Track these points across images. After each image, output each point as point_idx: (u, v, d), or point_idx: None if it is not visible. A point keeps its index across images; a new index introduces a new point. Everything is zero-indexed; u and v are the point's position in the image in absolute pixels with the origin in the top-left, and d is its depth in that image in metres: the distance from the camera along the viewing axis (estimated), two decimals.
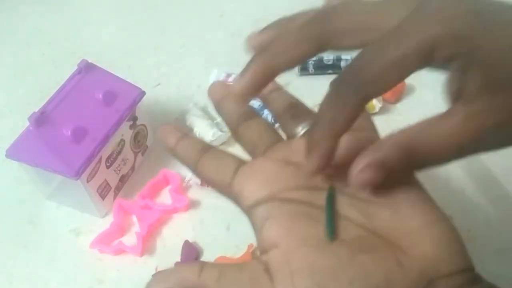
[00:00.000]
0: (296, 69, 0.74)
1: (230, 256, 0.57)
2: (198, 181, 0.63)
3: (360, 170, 0.30)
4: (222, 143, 0.68)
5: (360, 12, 0.33)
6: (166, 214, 0.62)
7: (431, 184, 0.63)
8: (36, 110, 0.57)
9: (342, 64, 0.74)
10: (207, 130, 0.68)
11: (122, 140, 0.62)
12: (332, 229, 0.31)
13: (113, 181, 0.63)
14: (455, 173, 0.63)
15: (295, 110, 0.41)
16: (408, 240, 0.31)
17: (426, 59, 0.28)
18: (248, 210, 0.34)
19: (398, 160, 0.30)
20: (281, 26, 0.36)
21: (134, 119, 0.64)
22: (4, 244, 0.63)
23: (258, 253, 0.33)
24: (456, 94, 0.30)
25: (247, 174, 0.35)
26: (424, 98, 0.71)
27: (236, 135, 0.40)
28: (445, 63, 0.29)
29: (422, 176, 0.65)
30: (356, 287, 0.28)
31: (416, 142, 0.30)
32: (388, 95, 0.69)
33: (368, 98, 0.30)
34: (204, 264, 0.32)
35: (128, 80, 0.64)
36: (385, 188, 0.32)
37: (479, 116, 0.29)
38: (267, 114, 0.69)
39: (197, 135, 0.69)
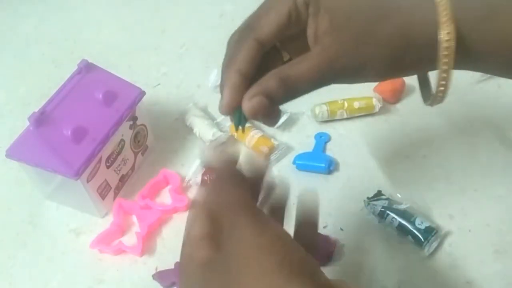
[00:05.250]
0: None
1: None
2: (198, 181, 0.63)
3: (249, 99, 0.40)
4: (222, 143, 0.68)
5: None
6: (166, 214, 0.62)
7: (432, 184, 0.63)
8: (36, 110, 0.57)
9: None
10: (207, 130, 0.68)
11: (122, 140, 0.62)
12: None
13: (113, 181, 0.63)
14: (455, 173, 0.63)
15: None
16: None
17: (294, 5, 0.40)
18: None
19: (276, 88, 0.40)
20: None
21: (134, 119, 0.64)
22: (4, 244, 0.63)
23: None
24: (314, 36, 0.41)
25: None
26: None
27: None
28: (306, 10, 0.41)
29: (424, 176, 0.65)
30: None
31: (287, 73, 0.40)
32: (388, 95, 0.69)
33: (259, 39, 0.41)
34: None
35: (128, 80, 0.64)
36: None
37: (326, 50, 0.40)
38: None
39: (197, 135, 0.69)
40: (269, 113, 0.41)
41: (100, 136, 0.58)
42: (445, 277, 0.55)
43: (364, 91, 0.70)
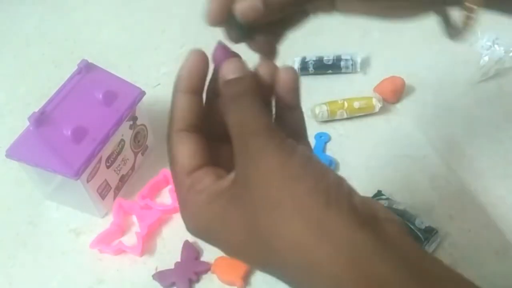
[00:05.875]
0: (296, 69, 0.74)
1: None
2: None
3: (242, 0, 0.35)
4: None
5: None
6: (166, 214, 0.62)
7: (432, 184, 0.63)
8: (36, 110, 0.57)
9: (342, 64, 0.74)
10: None
11: (122, 140, 0.62)
12: None
13: (113, 181, 0.63)
14: (456, 173, 0.63)
15: None
16: None
17: None
18: None
19: None
20: None
21: (134, 119, 0.64)
22: (4, 244, 0.63)
23: None
24: None
25: None
26: (424, 98, 0.71)
27: None
28: None
29: (424, 176, 0.65)
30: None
31: None
32: (388, 95, 0.69)
33: None
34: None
35: (128, 80, 0.64)
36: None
37: None
38: None
39: None
40: (263, 21, 0.36)
41: (100, 136, 0.58)
42: None
43: (364, 91, 0.70)
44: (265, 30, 0.38)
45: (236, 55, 0.36)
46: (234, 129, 0.32)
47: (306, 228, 0.29)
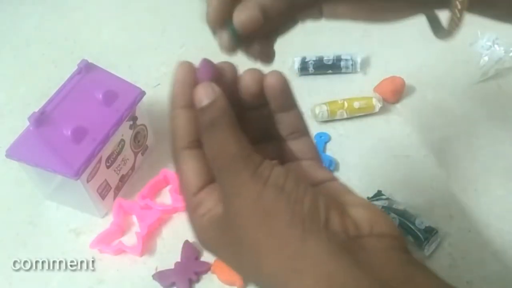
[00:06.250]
0: (296, 69, 0.74)
1: None
2: None
3: (241, 10, 0.35)
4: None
5: None
6: (166, 214, 0.62)
7: (432, 184, 0.63)
8: (36, 110, 0.57)
9: (342, 64, 0.74)
10: None
11: (122, 140, 0.62)
12: None
13: (113, 181, 0.63)
14: (456, 173, 0.63)
15: None
16: (347, 199, 0.33)
17: None
18: None
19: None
20: None
21: (134, 119, 0.64)
22: (4, 244, 0.63)
23: None
24: None
25: None
26: (424, 98, 0.71)
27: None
28: None
29: (424, 176, 0.65)
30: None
31: None
32: (388, 95, 0.69)
33: None
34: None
35: (128, 80, 0.64)
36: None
37: None
38: None
39: None
40: (262, 31, 0.37)
41: (100, 136, 0.58)
42: (445, 277, 0.55)
43: (364, 91, 0.70)
44: (260, 37, 0.39)
45: (218, 72, 0.35)
46: (210, 162, 0.33)
47: (284, 263, 0.29)
